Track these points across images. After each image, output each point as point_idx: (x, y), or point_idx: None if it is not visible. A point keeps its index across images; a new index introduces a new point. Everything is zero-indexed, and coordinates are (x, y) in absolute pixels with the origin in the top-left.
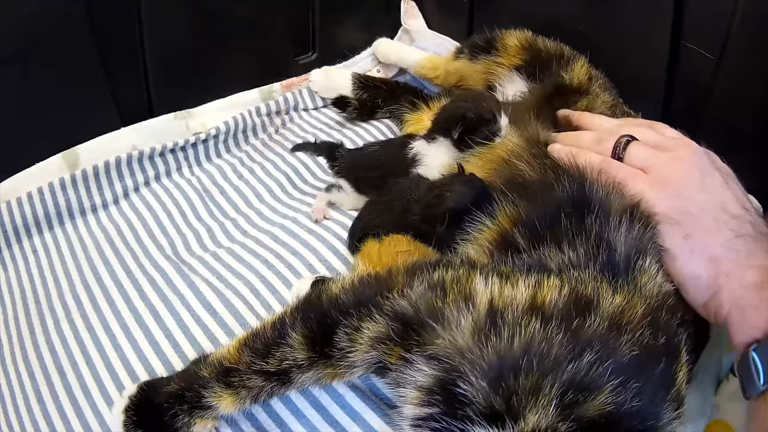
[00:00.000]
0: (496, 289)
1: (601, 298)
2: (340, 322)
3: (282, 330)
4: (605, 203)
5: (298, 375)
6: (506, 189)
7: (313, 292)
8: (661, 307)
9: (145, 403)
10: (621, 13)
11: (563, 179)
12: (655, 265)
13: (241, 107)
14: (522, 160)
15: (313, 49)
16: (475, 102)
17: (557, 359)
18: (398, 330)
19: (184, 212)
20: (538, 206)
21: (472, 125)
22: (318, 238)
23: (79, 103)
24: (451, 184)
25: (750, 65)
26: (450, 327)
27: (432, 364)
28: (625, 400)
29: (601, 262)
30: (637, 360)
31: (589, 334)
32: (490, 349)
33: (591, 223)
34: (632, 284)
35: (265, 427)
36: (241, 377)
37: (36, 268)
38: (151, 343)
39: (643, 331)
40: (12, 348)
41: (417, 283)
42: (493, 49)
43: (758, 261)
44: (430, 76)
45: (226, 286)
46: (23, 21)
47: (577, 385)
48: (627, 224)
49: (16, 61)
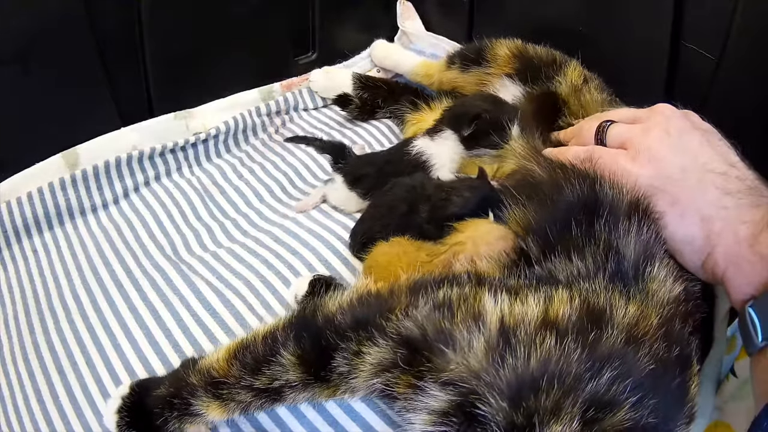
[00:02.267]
0: (506, 306)
1: (613, 308)
2: (338, 346)
3: (273, 347)
4: (614, 205)
5: (290, 394)
6: (517, 191)
7: (308, 307)
8: (675, 316)
9: (136, 404)
10: (621, 13)
11: (572, 180)
12: (664, 269)
13: (241, 107)
14: (532, 161)
15: (313, 49)
16: (495, 106)
17: (577, 376)
18: (406, 356)
19: (184, 212)
20: (548, 212)
21: (485, 127)
22: (318, 238)
23: (79, 103)
24: (459, 188)
25: (750, 65)
26: (462, 350)
27: (447, 389)
28: (642, 416)
29: (610, 271)
30: (654, 374)
31: (607, 348)
32: (507, 369)
33: (600, 229)
34: (644, 293)
35: (265, 426)
36: (230, 390)
37: (36, 268)
38: (151, 343)
39: (659, 344)
40: (12, 348)
41: (422, 303)
42: (484, 61)
43: (750, 216)
44: (425, 83)
45: (226, 286)
46: (23, 21)
47: (598, 402)
48: (636, 227)
49: (16, 61)
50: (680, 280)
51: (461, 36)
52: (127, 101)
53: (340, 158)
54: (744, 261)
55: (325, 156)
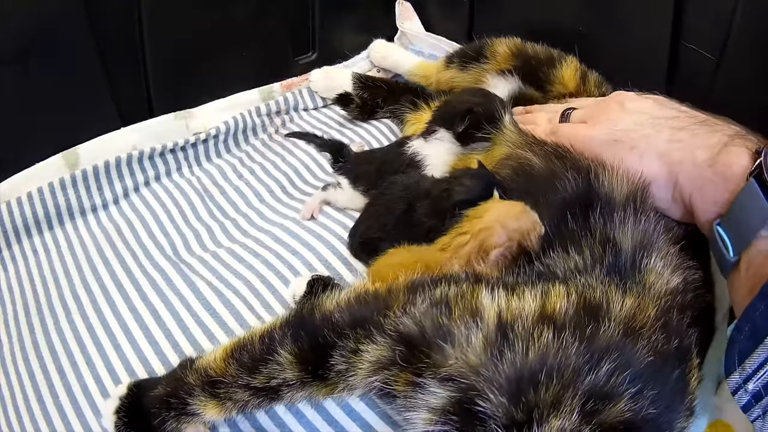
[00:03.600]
0: (503, 302)
1: (610, 302)
2: (336, 344)
3: (270, 345)
4: (610, 196)
5: (288, 392)
6: (514, 182)
7: (306, 306)
8: (672, 307)
9: (134, 404)
10: (621, 13)
11: (568, 172)
12: (661, 260)
13: (241, 107)
14: (527, 149)
15: (313, 49)
16: (485, 98)
17: (576, 369)
18: (404, 354)
19: (184, 212)
20: (545, 206)
21: (479, 120)
22: (318, 238)
23: (79, 103)
24: (460, 178)
25: (750, 65)
26: (460, 345)
27: (447, 385)
28: (642, 407)
29: (607, 264)
30: (653, 365)
31: (605, 340)
32: (506, 364)
33: (595, 221)
34: (641, 285)
35: (264, 426)
36: (227, 389)
37: (36, 268)
38: (151, 343)
39: (657, 336)
40: (12, 348)
41: (419, 300)
42: (483, 57)
43: (705, 141)
44: (422, 84)
45: (226, 286)
46: (23, 21)
47: (597, 394)
48: (633, 217)
49: (16, 61)
50: (679, 271)
51: (461, 36)
52: (127, 101)
53: (339, 157)
54: (706, 182)
55: (324, 154)
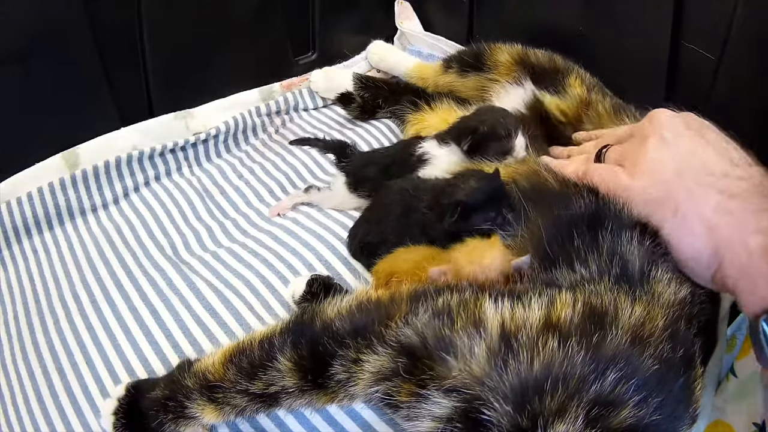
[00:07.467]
0: (507, 311)
1: (619, 309)
2: (336, 353)
3: (270, 351)
4: (619, 217)
5: (287, 400)
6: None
7: (306, 312)
8: (680, 318)
9: (132, 406)
10: (621, 13)
11: (581, 194)
12: (669, 273)
13: (241, 107)
14: (548, 171)
15: (313, 49)
16: (493, 118)
17: (581, 378)
18: (407, 365)
19: (184, 212)
20: (552, 224)
21: (482, 140)
22: (318, 238)
23: (79, 103)
24: (468, 178)
25: (750, 65)
26: (463, 357)
27: (451, 396)
28: (646, 414)
29: (615, 274)
30: (658, 374)
31: (611, 349)
32: (510, 373)
33: (602, 239)
34: (650, 294)
35: (264, 426)
36: (225, 394)
37: (36, 268)
38: (151, 343)
39: (664, 345)
40: (12, 348)
41: (421, 311)
42: (484, 66)
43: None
44: (420, 86)
45: (226, 286)
46: (23, 21)
47: (602, 402)
48: (639, 237)
49: (16, 61)
50: (686, 284)
51: (461, 36)
52: (127, 101)
53: (342, 156)
54: (757, 274)
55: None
